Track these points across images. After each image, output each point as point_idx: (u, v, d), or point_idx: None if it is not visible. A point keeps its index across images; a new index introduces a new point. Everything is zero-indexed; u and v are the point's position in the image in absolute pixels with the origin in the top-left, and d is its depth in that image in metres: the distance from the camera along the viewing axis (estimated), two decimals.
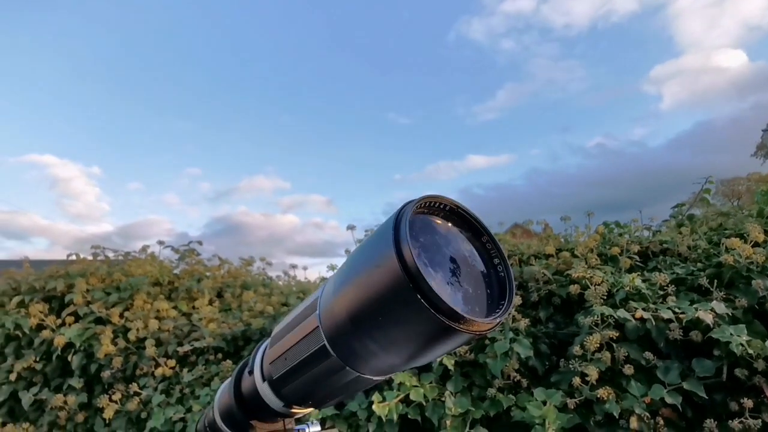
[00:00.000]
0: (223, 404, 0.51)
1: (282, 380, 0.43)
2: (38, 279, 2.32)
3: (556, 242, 1.95)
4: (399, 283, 0.27)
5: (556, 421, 1.19)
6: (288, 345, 0.41)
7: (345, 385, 0.40)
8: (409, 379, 1.35)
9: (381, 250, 0.29)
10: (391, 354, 0.32)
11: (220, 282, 2.49)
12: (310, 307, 0.39)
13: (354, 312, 0.31)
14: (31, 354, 2.08)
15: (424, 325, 0.28)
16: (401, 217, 0.29)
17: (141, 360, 1.94)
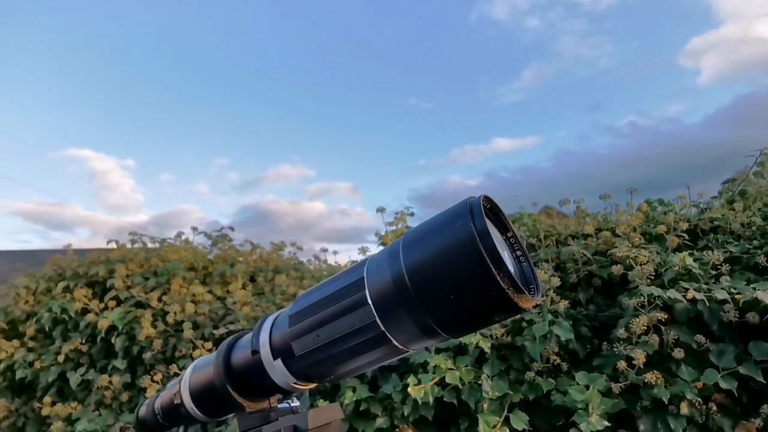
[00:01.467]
0: (201, 384, 0.50)
1: (307, 356, 0.41)
2: (81, 265, 2.40)
3: (595, 222, 1.87)
4: (478, 258, 0.30)
5: (600, 406, 1.14)
6: (323, 321, 0.40)
7: (378, 360, 0.40)
8: (444, 362, 1.32)
9: (456, 230, 0.32)
10: (448, 331, 0.35)
11: (253, 267, 2.52)
12: (353, 285, 0.38)
13: (421, 288, 0.33)
14: (77, 336, 2.17)
15: (490, 300, 0.31)
16: (473, 200, 0.34)
17: (179, 342, 1.99)
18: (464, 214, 0.32)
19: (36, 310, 2.31)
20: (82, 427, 1.83)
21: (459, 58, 37.99)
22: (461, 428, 1.34)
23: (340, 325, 0.39)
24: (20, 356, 2.20)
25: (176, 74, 28.72)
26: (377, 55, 30.93)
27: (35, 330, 2.27)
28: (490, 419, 1.24)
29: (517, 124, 34.54)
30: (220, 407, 0.50)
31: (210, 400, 0.50)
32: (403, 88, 29.65)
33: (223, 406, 0.49)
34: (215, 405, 0.50)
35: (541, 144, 30.90)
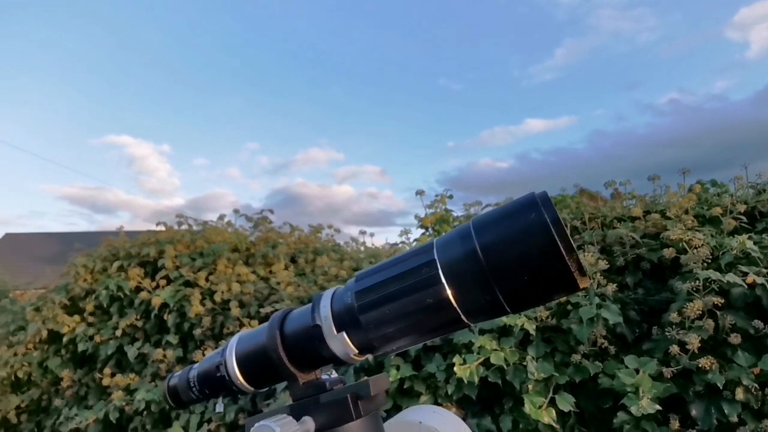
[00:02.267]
0: (251, 355, 0.51)
1: (376, 329, 0.44)
2: (133, 246, 2.53)
3: (642, 203, 1.81)
4: (552, 244, 0.35)
5: (652, 390, 1.12)
6: (393, 297, 0.42)
7: (442, 333, 0.44)
8: (489, 343, 1.33)
9: (531, 218, 0.36)
10: (513, 307, 0.39)
11: (293, 248, 2.58)
12: (425, 264, 0.41)
13: (495, 267, 0.37)
14: (133, 313, 2.30)
15: (558, 280, 0.36)
16: (539, 194, 0.38)
17: (227, 320, 2.08)
18: (535, 204, 0.37)
19: (94, 287, 2.46)
20: (141, 396, 1.96)
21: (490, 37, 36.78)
22: (505, 408, 1.35)
23: (412, 301, 0.41)
24: (81, 330, 2.35)
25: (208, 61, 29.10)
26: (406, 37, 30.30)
27: (94, 306, 2.41)
28: (535, 400, 1.25)
29: (550, 104, 33.29)
30: (270, 377, 0.51)
31: (259, 370, 0.51)
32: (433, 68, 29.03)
33: (272, 375, 0.51)
34: (264, 375, 0.51)
35: (575, 124, 29.70)
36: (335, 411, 0.47)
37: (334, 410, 0.47)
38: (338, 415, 0.47)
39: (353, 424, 0.48)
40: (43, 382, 2.44)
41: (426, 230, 1.94)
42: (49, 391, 2.45)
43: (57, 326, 2.37)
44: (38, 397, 2.46)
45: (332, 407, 0.47)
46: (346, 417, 0.47)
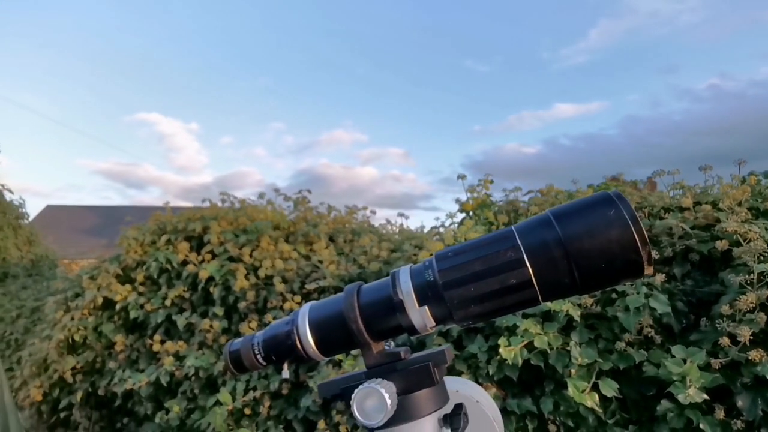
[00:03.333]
0: (327, 323, 0.54)
1: (459, 306, 0.48)
2: (180, 221, 2.64)
3: (691, 194, 1.78)
4: (631, 238, 0.41)
5: (699, 380, 1.14)
6: (478, 276, 0.47)
7: (517, 309, 0.49)
8: (533, 327, 1.36)
9: (612, 213, 0.42)
10: (585, 290, 0.46)
11: (331, 228, 2.65)
12: (510, 248, 0.46)
13: (577, 253, 0.43)
14: (180, 284, 2.42)
15: (630, 268, 0.42)
16: (614, 192, 0.44)
17: (270, 295, 2.17)
18: (613, 201, 0.44)
19: (144, 259, 2.59)
20: (191, 362, 2.08)
21: (520, 17, 35.62)
22: (546, 390, 1.39)
23: (497, 281, 0.47)
24: (133, 299, 2.50)
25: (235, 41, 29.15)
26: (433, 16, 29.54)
27: (144, 277, 2.55)
28: (579, 384, 1.28)
29: (581, 88, 32.13)
30: (343, 345, 0.55)
31: (334, 338, 0.54)
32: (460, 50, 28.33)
33: (346, 343, 0.54)
34: (339, 343, 0.54)
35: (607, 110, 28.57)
36: (415, 376, 0.51)
37: (413, 376, 0.51)
38: (418, 380, 0.51)
39: (432, 388, 0.52)
40: (98, 346, 2.61)
41: (468, 215, 1.96)
42: (102, 354, 2.62)
43: (111, 294, 2.53)
44: (93, 359, 2.63)
45: (412, 373, 0.52)
46: (426, 382, 0.52)
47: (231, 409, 1.89)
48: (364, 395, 0.45)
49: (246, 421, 1.92)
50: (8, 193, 6.21)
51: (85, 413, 2.69)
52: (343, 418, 1.69)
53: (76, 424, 2.72)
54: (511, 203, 2.08)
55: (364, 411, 0.45)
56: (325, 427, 1.72)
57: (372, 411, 0.45)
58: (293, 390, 1.93)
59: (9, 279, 5.03)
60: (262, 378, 1.99)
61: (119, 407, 2.58)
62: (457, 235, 1.61)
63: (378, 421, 0.44)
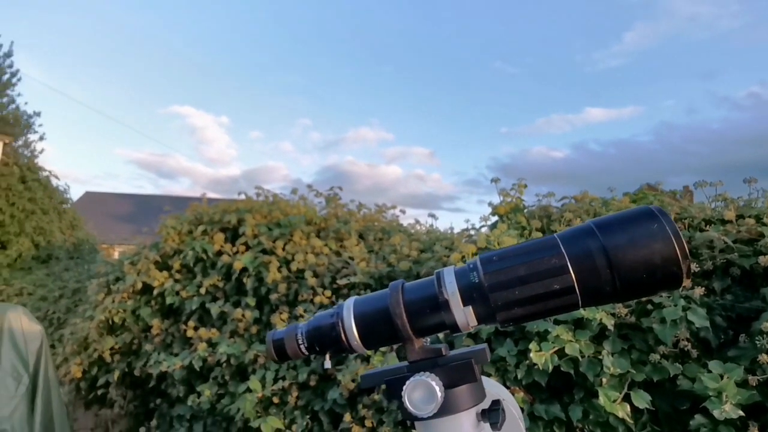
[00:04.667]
0: (371, 317, 0.56)
1: (503, 308, 0.51)
2: (216, 212, 2.74)
3: (734, 206, 1.73)
4: (673, 253, 0.45)
5: (736, 396, 1.11)
6: (523, 281, 0.50)
7: (557, 313, 0.52)
8: (565, 333, 1.36)
9: (656, 227, 0.46)
10: (624, 298, 0.49)
11: (362, 225, 2.69)
12: (554, 256, 0.49)
13: (620, 263, 0.46)
14: (215, 274, 2.51)
15: (670, 280, 0.46)
16: (656, 207, 0.47)
17: (301, 288, 2.22)
18: (656, 216, 0.47)
19: (181, 248, 2.69)
20: (223, 349, 2.15)
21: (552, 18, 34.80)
22: (575, 398, 1.38)
23: (541, 286, 0.49)
24: (169, 285, 2.60)
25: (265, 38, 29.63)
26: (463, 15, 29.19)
27: (180, 264, 2.65)
28: (610, 393, 1.27)
29: (614, 92, 31.14)
30: (386, 339, 0.57)
31: (378, 332, 0.57)
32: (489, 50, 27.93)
33: (390, 338, 0.57)
34: (383, 336, 0.57)
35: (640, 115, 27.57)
36: (457, 372, 0.54)
37: (456, 371, 0.54)
38: (460, 376, 0.54)
39: (472, 384, 0.55)
40: (135, 328, 2.73)
41: (501, 218, 1.96)
42: (139, 337, 2.74)
43: (149, 280, 2.64)
44: (130, 340, 2.76)
45: (455, 369, 0.54)
46: (468, 378, 0.54)
47: (260, 396, 1.95)
48: (415, 386, 0.48)
49: (274, 410, 1.98)
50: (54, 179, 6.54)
51: (121, 392, 2.82)
52: (369, 412, 1.73)
53: (112, 401, 2.86)
54: (544, 208, 2.07)
55: (415, 402, 0.48)
56: (351, 420, 1.76)
57: (422, 402, 0.47)
58: (321, 382, 1.97)
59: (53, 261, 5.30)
60: (291, 369, 2.04)
61: (153, 388, 2.69)
62: (491, 239, 1.62)
63: (428, 411, 0.46)
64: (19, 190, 6.01)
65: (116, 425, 2.99)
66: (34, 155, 11.12)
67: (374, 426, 1.71)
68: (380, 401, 1.72)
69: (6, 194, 5.93)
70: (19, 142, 11.13)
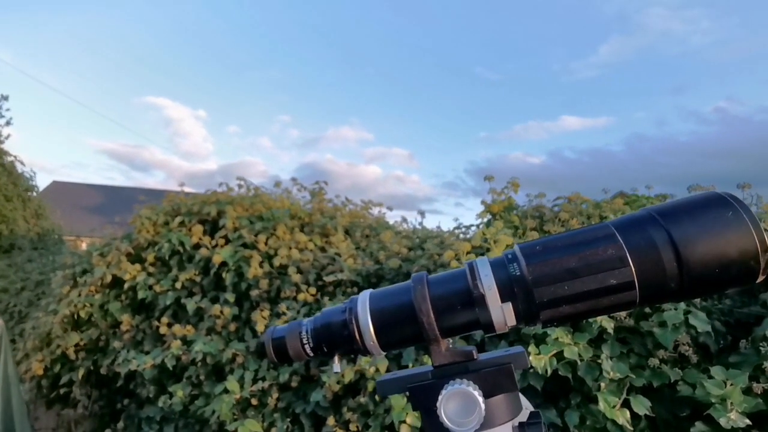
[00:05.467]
0: (392, 314, 0.49)
1: (550, 304, 0.44)
2: (195, 204, 2.60)
3: None
4: (752, 243, 0.39)
5: (742, 404, 1.08)
6: (575, 274, 0.43)
7: (610, 311, 0.45)
8: (564, 336, 1.31)
9: (723, 212, 0.40)
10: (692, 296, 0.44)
11: (348, 221, 2.60)
12: (610, 247, 0.43)
13: (690, 257, 0.40)
14: (192, 268, 2.38)
15: (746, 276, 0.40)
16: (727, 194, 0.42)
17: (284, 285, 2.12)
18: (730, 203, 0.40)
19: (156, 240, 2.55)
20: (199, 348, 2.03)
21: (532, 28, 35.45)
22: (572, 403, 1.34)
23: (595, 280, 0.43)
24: (142, 279, 2.46)
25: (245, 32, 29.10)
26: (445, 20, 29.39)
27: (155, 257, 2.51)
28: (610, 399, 1.23)
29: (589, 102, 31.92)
30: (409, 339, 0.50)
31: (400, 331, 0.49)
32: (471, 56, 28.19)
33: (413, 338, 0.49)
34: (404, 336, 0.49)
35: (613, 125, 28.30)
36: (494, 379, 0.46)
37: (493, 378, 0.46)
38: (497, 384, 0.46)
39: (509, 394, 0.47)
40: (103, 324, 2.57)
41: (494, 216, 1.91)
42: (107, 333, 2.58)
43: (120, 272, 2.49)
44: (97, 337, 2.60)
45: (492, 375, 0.46)
46: (506, 386, 0.47)
47: (238, 398, 1.85)
48: (452, 396, 0.40)
49: (252, 412, 1.88)
50: (20, 165, 6.20)
51: (85, 391, 2.66)
52: (354, 415, 1.65)
53: (75, 401, 2.69)
54: (537, 209, 2.03)
55: (451, 414, 0.40)
56: (335, 423, 1.67)
57: (460, 415, 0.40)
58: (303, 383, 1.88)
59: (15, 251, 5.01)
60: (271, 369, 1.94)
61: (120, 388, 2.54)
62: (486, 236, 1.56)
63: (470, 426, 0.39)
64: None
65: (79, 426, 2.81)
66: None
67: (359, 430, 1.63)
68: (366, 404, 1.64)
69: None
70: None
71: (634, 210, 1.96)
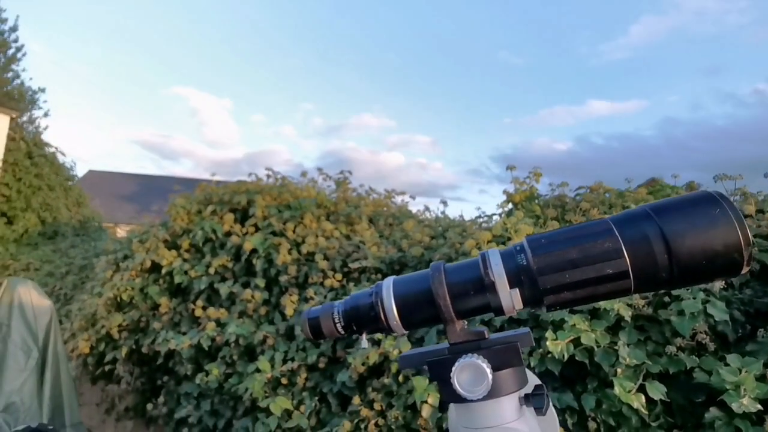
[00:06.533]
0: (413, 297, 0.55)
1: (552, 291, 0.49)
2: (226, 193, 2.72)
3: (754, 201, 1.71)
4: (737, 240, 0.43)
5: (755, 390, 1.11)
6: (575, 264, 0.48)
7: (606, 298, 0.50)
8: (581, 323, 1.35)
9: (711, 210, 0.44)
10: (680, 285, 0.47)
11: (372, 210, 2.67)
12: (607, 239, 0.48)
13: (679, 249, 0.45)
14: (224, 254, 2.50)
15: (731, 268, 0.44)
16: (717, 192, 0.45)
17: (311, 271, 2.22)
18: (718, 201, 0.45)
19: (190, 227, 2.69)
20: (232, 329, 2.16)
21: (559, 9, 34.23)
22: (588, 388, 1.38)
23: (593, 270, 0.48)
24: (178, 264, 2.60)
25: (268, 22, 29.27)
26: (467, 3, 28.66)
27: (189, 244, 2.65)
28: (626, 384, 1.27)
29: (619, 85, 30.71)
30: (427, 320, 0.56)
31: (419, 313, 0.55)
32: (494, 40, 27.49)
33: (431, 319, 0.55)
34: (424, 317, 0.56)
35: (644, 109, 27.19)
36: (503, 355, 0.52)
37: (501, 354, 0.52)
38: (505, 359, 0.52)
39: (516, 368, 0.53)
40: (143, 306, 2.74)
41: (515, 206, 1.95)
42: (147, 314, 2.75)
43: (158, 258, 2.64)
44: (138, 318, 2.77)
45: (500, 352, 0.53)
46: (513, 361, 0.53)
47: (269, 377, 1.96)
48: (464, 368, 0.47)
49: (282, 390, 1.99)
50: (60, 155, 6.52)
51: (128, 368, 2.84)
52: (378, 395, 1.73)
53: (119, 377, 2.89)
54: (559, 198, 2.05)
55: (463, 383, 0.47)
56: (360, 402, 1.77)
57: (471, 384, 0.46)
58: (330, 364, 1.98)
59: (59, 237, 5.32)
60: (300, 350, 2.05)
61: (160, 366, 2.71)
62: (507, 226, 1.60)
63: (478, 394, 0.45)
64: (25, 165, 6.00)
65: (122, 401, 3.02)
66: (38, 131, 11.09)
67: (383, 409, 1.72)
68: (390, 385, 1.72)
69: (13, 169, 5.93)
70: (24, 118, 11.08)
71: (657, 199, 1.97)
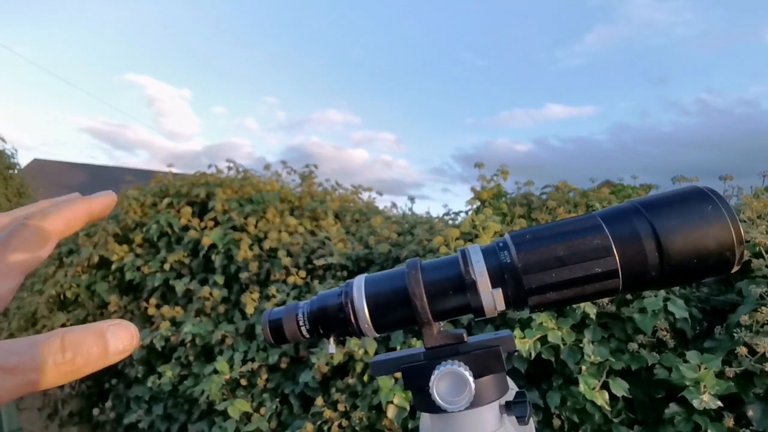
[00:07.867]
0: (386, 297, 0.51)
1: (537, 291, 0.46)
2: (183, 185, 2.58)
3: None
4: (730, 238, 0.40)
5: (715, 387, 1.14)
6: (562, 262, 0.45)
7: (593, 298, 0.47)
8: (548, 321, 1.35)
9: (704, 206, 0.41)
10: (670, 285, 0.45)
11: (339, 205, 2.61)
12: (596, 236, 0.45)
13: (670, 247, 0.42)
14: (180, 249, 2.37)
15: (722, 267, 0.42)
16: (707, 188, 0.43)
17: (274, 268, 2.13)
18: (710, 197, 0.42)
19: (144, 221, 2.53)
20: (188, 329, 2.04)
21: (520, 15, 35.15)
22: (554, 385, 1.38)
23: (581, 268, 0.45)
24: (129, 260, 2.44)
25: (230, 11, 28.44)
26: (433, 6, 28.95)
27: (142, 238, 2.49)
28: (590, 381, 1.27)
29: (574, 91, 31.96)
30: (402, 322, 0.51)
31: (393, 314, 0.51)
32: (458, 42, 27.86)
33: (406, 320, 0.51)
34: (398, 319, 0.51)
35: (597, 115, 28.39)
36: (484, 360, 0.48)
37: (481, 360, 0.48)
38: (486, 365, 0.48)
39: (497, 375, 0.50)
40: (90, 304, 2.56)
41: (483, 203, 1.94)
42: (94, 314, 2.57)
43: (107, 253, 2.47)
44: (83, 317, 2.58)
45: (481, 357, 0.49)
46: (495, 367, 0.49)
47: (228, 378, 1.87)
48: (443, 376, 0.43)
49: (241, 392, 1.90)
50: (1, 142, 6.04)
51: None
52: (342, 396, 1.68)
53: None
54: (526, 196, 2.06)
55: (443, 393, 0.42)
56: (323, 404, 1.71)
57: (451, 393, 0.42)
58: (292, 365, 1.91)
59: None
60: (260, 350, 1.97)
61: (107, 368, 2.54)
62: (476, 223, 1.59)
63: (460, 405, 0.41)
64: None
65: (66, 405, 2.82)
66: None
67: (347, 410, 1.67)
68: (354, 385, 1.67)
69: None
70: None
71: (619, 199, 2.01)
